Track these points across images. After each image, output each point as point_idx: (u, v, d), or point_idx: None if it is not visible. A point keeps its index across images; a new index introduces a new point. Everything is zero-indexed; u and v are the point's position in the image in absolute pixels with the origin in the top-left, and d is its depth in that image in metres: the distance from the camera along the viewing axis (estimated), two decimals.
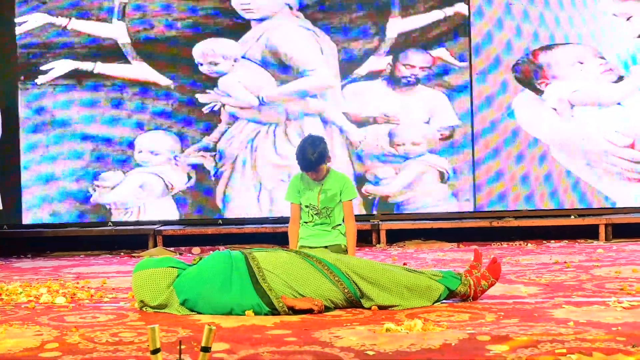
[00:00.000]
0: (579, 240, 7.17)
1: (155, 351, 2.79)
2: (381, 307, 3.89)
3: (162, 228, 7.48)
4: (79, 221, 7.66)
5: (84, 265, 6.32)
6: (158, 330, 2.81)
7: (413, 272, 4.04)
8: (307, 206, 4.92)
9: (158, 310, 3.93)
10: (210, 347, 2.76)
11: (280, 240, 7.06)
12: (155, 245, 7.36)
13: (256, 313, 3.79)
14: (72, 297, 4.45)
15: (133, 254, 7.12)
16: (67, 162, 7.65)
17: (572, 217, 7.47)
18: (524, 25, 7.53)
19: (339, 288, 3.91)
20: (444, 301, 4.00)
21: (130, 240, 7.49)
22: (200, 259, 4.12)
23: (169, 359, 2.90)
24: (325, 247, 4.82)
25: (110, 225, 7.62)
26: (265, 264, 3.94)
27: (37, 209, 7.66)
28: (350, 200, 4.95)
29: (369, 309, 3.89)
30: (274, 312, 3.79)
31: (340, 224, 4.99)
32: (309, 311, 3.80)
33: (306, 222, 4.97)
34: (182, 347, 2.88)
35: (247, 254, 4.01)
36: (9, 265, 6.51)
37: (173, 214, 7.67)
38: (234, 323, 3.61)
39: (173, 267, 4.03)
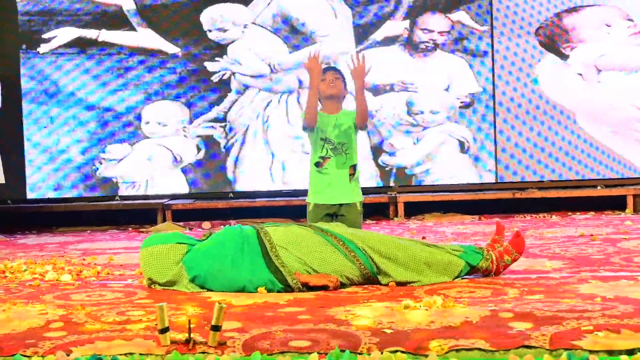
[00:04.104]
0: (606, 212, 7.08)
1: (164, 330, 2.75)
2: (399, 284, 3.77)
3: (171, 202, 7.39)
4: (85, 195, 7.56)
5: (90, 241, 6.24)
6: (166, 309, 2.77)
7: (432, 247, 3.93)
8: (322, 139, 4.82)
9: (167, 288, 3.82)
10: (220, 326, 2.73)
11: (293, 213, 6.98)
12: (164, 220, 7.28)
13: (269, 290, 3.68)
14: (78, 275, 4.35)
15: (141, 229, 7.04)
16: (72, 134, 7.54)
17: (599, 187, 7.38)
18: None
19: (355, 264, 3.80)
20: (464, 277, 3.89)
21: (138, 215, 7.41)
22: (211, 234, 4.01)
23: (178, 338, 2.78)
24: (341, 205, 4.77)
25: (117, 200, 7.53)
26: (278, 239, 3.83)
27: (41, 183, 7.56)
28: None
29: (387, 285, 3.77)
30: (288, 289, 3.69)
31: (355, 171, 4.84)
32: (324, 288, 3.69)
33: (321, 159, 4.82)
34: (192, 325, 2.78)
35: (259, 229, 3.90)
36: (13, 241, 6.41)
37: (182, 187, 7.56)
38: (246, 300, 3.51)
39: (182, 243, 3.91)
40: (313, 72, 4.79)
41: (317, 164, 4.82)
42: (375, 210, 7.32)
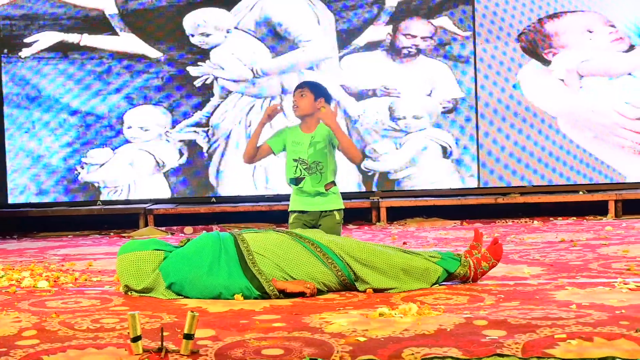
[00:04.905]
0: (587, 217, 7.07)
1: (136, 339, 2.74)
2: (376, 290, 3.77)
3: (153, 207, 7.35)
4: (67, 200, 7.50)
5: (71, 246, 6.20)
6: (138, 318, 2.76)
7: (410, 254, 3.92)
8: (295, 160, 4.70)
9: (143, 294, 3.81)
10: (193, 334, 2.72)
11: (276, 218, 6.99)
12: (146, 225, 7.24)
13: (246, 297, 3.66)
14: (55, 281, 4.32)
15: (123, 234, 7.01)
16: (54, 139, 7.48)
17: (581, 192, 7.37)
18: None
19: (332, 271, 3.79)
20: (442, 283, 3.90)
21: (120, 220, 7.35)
22: (188, 240, 3.99)
23: (151, 346, 2.78)
24: (320, 213, 4.66)
25: (99, 205, 7.47)
26: (255, 246, 3.82)
27: (22, 187, 7.50)
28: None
29: (364, 292, 3.77)
30: (265, 295, 3.68)
31: (334, 184, 4.75)
32: (301, 294, 3.68)
33: (292, 181, 4.76)
34: (165, 333, 2.80)
35: (237, 236, 3.89)
36: None
37: (164, 192, 7.53)
38: (222, 308, 3.50)
39: (159, 250, 3.89)
40: (265, 114, 4.79)
41: (292, 181, 4.75)
42: (358, 215, 7.30)
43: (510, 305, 3.35)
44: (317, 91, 4.70)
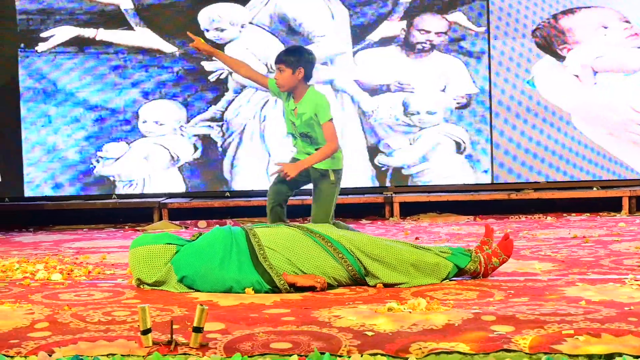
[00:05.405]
0: (601, 213, 7.05)
1: (146, 332, 2.77)
2: (386, 285, 3.79)
3: (167, 201, 7.37)
4: (82, 194, 7.55)
5: (86, 240, 6.24)
6: (148, 311, 2.79)
7: (420, 249, 3.94)
8: (289, 119, 4.84)
9: (155, 288, 3.84)
10: (202, 328, 2.75)
11: (288, 213, 6.85)
12: (160, 219, 7.27)
13: (256, 291, 3.69)
14: (68, 274, 4.36)
15: (137, 228, 7.04)
16: (69, 133, 7.52)
17: (595, 189, 7.34)
18: None
19: (342, 266, 3.81)
20: (452, 279, 3.91)
21: (134, 214, 7.39)
22: (200, 234, 4.02)
23: (161, 339, 2.81)
24: (315, 171, 4.80)
25: (114, 198, 7.51)
26: (266, 240, 3.84)
27: (39, 181, 7.55)
28: (326, 122, 4.72)
29: (374, 286, 3.79)
30: (275, 289, 3.70)
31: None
32: (311, 289, 3.71)
33: (289, 134, 4.97)
34: (175, 326, 2.82)
35: (248, 230, 3.91)
36: (9, 239, 6.42)
37: (179, 186, 7.55)
38: (233, 301, 3.53)
39: (171, 244, 3.92)
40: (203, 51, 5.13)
41: (289, 134, 4.92)
42: (371, 210, 7.32)
43: (519, 301, 3.35)
44: (293, 63, 4.66)
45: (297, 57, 4.68)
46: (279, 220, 4.88)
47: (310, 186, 4.97)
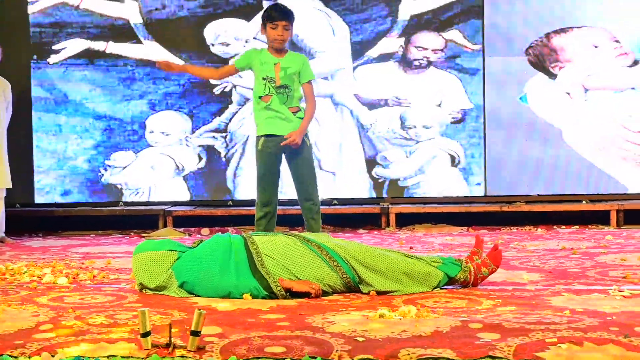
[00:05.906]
0: (589, 226, 7.10)
1: (145, 334, 2.85)
2: (379, 293, 3.87)
3: (172, 209, 7.48)
4: (91, 201, 7.67)
5: (93, 245, 6.33)
6: (148, 314, 2.87)
7: (412, 258, 4.02)
8: (264, 78, 4.98)
9: (157, 292, 3.93)
10: (200, 331, 2.82)
11: (289, 222, 7.08)
12: (165, 226, 7.37)
13: (254, 296, 3.77)
14: (74, 278, 4.45)
15: (143, 234, 7.14)
16: (79, 142, 7.66)
17: (584, 202, 7.40)
18: (538, 8, 7.45)
19: (337, 273, 3.89)
20: (443, 287, 3.98)
21: (140, 221, 7.50)
22: (201, 241, 4.12)
23: (160, 341, 2.89)
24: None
25: (121, 206, 7.62)
26: (264, 247, 3.93)
27: (49, 188, 7.68)
28: (309, 81, 5.07)
29: (367, 294, 3.87)
30: (272, 295, 3.78)
31: (299, 109, 5.03)
32: (306, 294, 3.79)
33: (260, 98, 5.03)
34: (174, 330, 2.93)
35: (247, 238, 4.00)
36: (19, 244, 6.54)
37: (184, 194, 7.68)
38: (230, 306, 3.61)
39: (172, 250, 4.02)
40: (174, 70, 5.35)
41: (261, 98, 5.00)
42: (368, 220, 7.40)
43: (506, 309, 3.39)
44: (293, 24, 5.09)
45: (294, 19, 5.11)
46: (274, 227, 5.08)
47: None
